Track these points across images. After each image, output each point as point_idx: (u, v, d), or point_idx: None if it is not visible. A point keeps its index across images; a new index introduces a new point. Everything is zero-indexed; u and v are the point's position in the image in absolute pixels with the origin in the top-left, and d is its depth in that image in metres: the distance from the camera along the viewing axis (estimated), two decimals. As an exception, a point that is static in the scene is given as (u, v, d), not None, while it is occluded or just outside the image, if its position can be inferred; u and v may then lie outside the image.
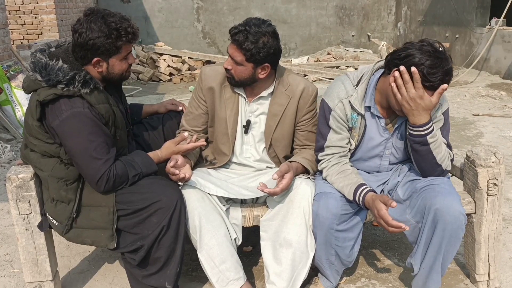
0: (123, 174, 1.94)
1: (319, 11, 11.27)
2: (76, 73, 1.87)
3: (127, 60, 2.01)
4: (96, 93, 1.92)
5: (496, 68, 8.22)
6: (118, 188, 1.96)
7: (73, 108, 1.86)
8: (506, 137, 4.83)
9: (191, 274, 2.41)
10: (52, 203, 1.99)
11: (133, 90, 7.77)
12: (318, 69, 8.80)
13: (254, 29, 1.99)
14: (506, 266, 2.42)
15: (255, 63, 2.04)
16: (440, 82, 1.82)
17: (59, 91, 1.85)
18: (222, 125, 2.19)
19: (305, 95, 2.17)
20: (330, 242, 2.00)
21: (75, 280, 2.41)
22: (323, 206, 1.97)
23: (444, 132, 2.05)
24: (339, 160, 2.10)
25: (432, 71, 1.79)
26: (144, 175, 2.01)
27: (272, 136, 2.20)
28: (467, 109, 6.13)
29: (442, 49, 1.84)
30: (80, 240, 2.02)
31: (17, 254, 2.61)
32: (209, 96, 2.20)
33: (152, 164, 2.05)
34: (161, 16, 10.63)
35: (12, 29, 8.23)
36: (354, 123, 2.07)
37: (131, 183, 1.97)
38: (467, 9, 9.02)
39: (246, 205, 2.21)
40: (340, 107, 2.04)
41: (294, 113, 2.19)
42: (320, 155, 2.13)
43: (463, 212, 1.90)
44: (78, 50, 1.92)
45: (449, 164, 2.04)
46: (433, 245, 1.94)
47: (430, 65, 1.79)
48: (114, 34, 1.89)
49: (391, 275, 2.39)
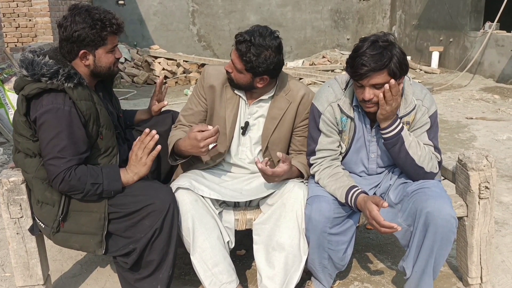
0: (81, 179, 1.88)
1: (314, 15, 11.32)
2: (60, 67, 1.89)
3: (113, 54, 2.02)
4: (79, 89, 1.92)
5: (489, 72, 8.27)
6: (74, 193, 1.91)
7: (53, 103, 1.86)
8: (499, 140, 4.85)
9: (184, 278, 2.40)
10: (38, 205, 1.98)
11: (128, 93, 7.75)
12: (313, 73, 8.82)
13: (258, 41, 1.99)
14: (499, 269, 2.43)
15: (254, 74, 2.06)
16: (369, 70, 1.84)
17: (43, 85, 1.86)
18: (221, 125, 2.19)
19: (305, 101, 2.19)
20: (323, 245, 2.00)
21: (67, 284, 2.39)
22: (316, 210, 1.97)
23: (431, 135, 2.06)
24: (330, 164, 2.11)
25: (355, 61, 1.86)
26: (105, 188, 1.93)
27: (269, 139, 2.21)
28: (461, 112, 6.16)
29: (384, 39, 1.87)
30: (68, 245, 2.01)
31: (8, 258, 2.59)
32: (210, 94, 2.21)
33: (116, 180, 1.96)
34: (156, 19, 10.63)
35: (6, 32, 8.21)
36: (344, 126, 2.09)
37: (88, 192, 1.90)
38: (461, 13, 9.08)
39: (239, 208, 2.21)
40: (329, 110, 2.06)
41: (292, 118, 2.20)
42: (312, 159, 2.14)
43: (454, 215, 1.90)
44: (64, 44, 1.95)
45: (433, 166, 2.03)
46: (425, 249, 1.94)
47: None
48: (98, 25, 1.91)
49: (384, 279, 2.39)
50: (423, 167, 2.01)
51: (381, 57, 1.83)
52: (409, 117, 2.03)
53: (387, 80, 1.86)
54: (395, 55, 1.85)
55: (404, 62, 1.89)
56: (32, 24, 8.29)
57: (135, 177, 2.00)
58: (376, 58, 1.83)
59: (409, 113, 2.02)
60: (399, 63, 1.86)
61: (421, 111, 2.02)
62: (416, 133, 2.05)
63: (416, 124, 2.04)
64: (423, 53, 10.33)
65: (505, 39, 7.91)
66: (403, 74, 1.91)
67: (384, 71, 1.85)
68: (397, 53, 1.86)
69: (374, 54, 1.83)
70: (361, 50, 1.86)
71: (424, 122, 2.03)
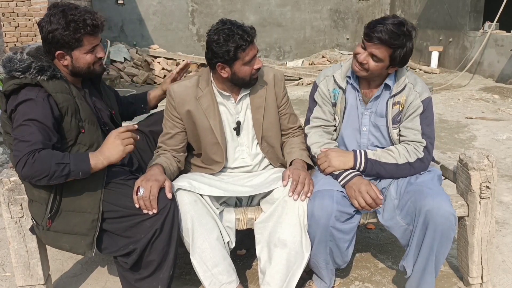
0: (45, 159, 1.77)
1: (313, 15, 11.32)
2: (33, 62, 1.89)
3: (94, 53, 2.00)
4: (55, 82, 1.91)
5: (489, 72, 8.28)
6: (39, 177, 1.79)
7: (27, 95, 1.86)
8: (499, 140, 4.85)
9: (184, 278, 2.40)
10: (30, 202, 1.98)
11: (127, 92, 7.74)
12: (313, 72, 8.82)
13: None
14: (499, 269, 2.43)
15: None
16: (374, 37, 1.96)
17: (18, 81, 1.87)
18: (209, 136, 2.18)
19: (277, 81, 2.27)
20: (326, 241, 2.01)
21: (67, 284, 2.39)
22: (318, 205, 1.97)
23: (423, 121, 2.10)
24: (322, 133, 2.24)
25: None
26: (72, 168, 1.81)
27: (262, 128, 2.23)
28: (461, 112, 6.17)
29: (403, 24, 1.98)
30: (58, 245, 1.99)
31: (9, 258, 2.59)
32: (186, 115, 2.18)
33: (84, 160, 1.85)
34: (156, 19, 10.62)
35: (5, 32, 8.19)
36: (336, 98, 2.21)
37: (54, 173, 1.78)
38: (461, 13, 9.09)
39: (240, 207, 2.20)
40: (324, 83, 2.23)
41: (274, 100, 2.26)
42: (307, 128, 2.27)
43: (453, 212, 1.91)
44: (43, 44, 1.96)
45: (415, 152, 2.09)
46: (425, 247, 1.95)
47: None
48: (71, 26, 1.90)
49: (385, 278, 2.39)
50: (406, 161, 2.09)
51: (397, 37, 1.95)
52: (400, 96, 2.12)
53: (385, 57, 1.99)
54: (406, 46, 1.99)
55: (407, 57, 2.03)
56: (32, 23, 8.27)
57: (105, 161, 1.88)
58: (392, 35, 1.94)
59: (400, 92, 2.11)
60: (404, 54, 2.00)
61: (412, 95, 2.11)
62: (410, 118, 2.11)
63: (409, 109, 2.11)
64: (422, 53, 10.33)
65: (505, 39, 7.92)
66: (399, 65, 2.05)
67: (389, 50, 1.97)
68: (409, 46, 1.99)
69: (393, 32, 1.94)
70: (388, 20, 1.96)
71: (417, 106, 2.10)
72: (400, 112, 2.12)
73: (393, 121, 2.13)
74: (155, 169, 2.01)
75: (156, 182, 1.91)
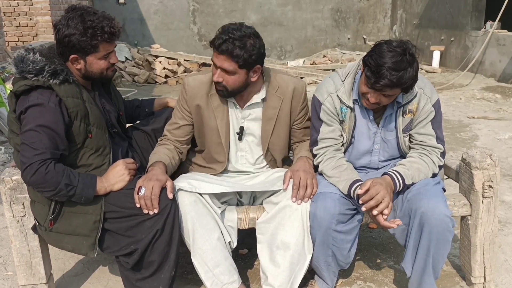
0: (57, 175, 1.82)
1: (315, 14, 11.31)
2: (46, 64, 1.88)
3: (107, 59, 1.99)
4: (66, 86, 1.90)
5: (491, 71, 8.26)
6: (44, 189, 1.83)
7: (38, 99, 1.85)
8: (501, 139, 4.84)
9: (186, 277, 2.40)
10: (32, 202, 1.98)
11: (129, 92, 7.74)
12: (314, 72, 8.81)
13: (237, 34, 1.92)
14: (502, 269, 2.42)
15: (248, 68, 1.99)
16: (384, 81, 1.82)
17: (29, 82, 1.85)
18: (214, 135, 2.16)
19: (296, 94, 2.17)
20: (328, 242, 2.00)
21: (69, 283, 2.39)
22: (321, 207, 1.97)
23: (435, 124, 2.08)
24: (333, 154, 2.12)
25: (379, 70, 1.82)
26: (77, 192, 1.87)
27: (269, 140, 2.19)
28: (462, 111, 6.16)
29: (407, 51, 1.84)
30: (60, 246, 2.00)
31: (11, 257, 2.59)
32: (195, 109, 2.16)
33: (91, 187, 1.90)
34: (157, 18, 10.62)
35: (7, 31, 8.20)
36: (344, 116, 2.11)
37: (60, 192, 1.83)
38: (462, 13, 9.07)
39: (242, 207, 2.20)
40: (329, 100, 2.10)
41: (288, 115, 2.18)
42: (315, 149, 2.15)
43: (448, 214, 1.90)
44: (58, 46, 1.95)
45: (438, 162, 2.07)
46: (422, 248, 1.94)
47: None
48: (89, 33, 1.88)
49: (387, 278, 2.38)
50: (433, 172, 2.07)
51: (404, 75, 1.82)
52: (411, 105, 2.05)
53: (397, 92, 1.90)
54: (414, 75, 1.86)
55: (416, 76, 1.90)
56: (33, 23, 8.29)
57: (108, 188, 1.94)
58: (399, 76, 1.81)
59: (411, 101, 2.04)
60: (413, 81, 1.89)
61: (423, 100, 2.04)
62: (422, 124, 2.06)
63: (421, 115, 2.05)
64: (424, 52, 10.31)
65: (506, 39, 7.90)
66: (410, 89, 1.95)
67: (400, 87, 1.88)
68: (415, 70, 1.86)
69: (398, 71, 1.81)
70: (387, 62, 1.81)
71: (429, 112, 2.05)
72: (412, 119, 2.08)
73: (404, 130, 2.09)
74: (157, 168, 2.01)
75: (157, 182, 1.90)
